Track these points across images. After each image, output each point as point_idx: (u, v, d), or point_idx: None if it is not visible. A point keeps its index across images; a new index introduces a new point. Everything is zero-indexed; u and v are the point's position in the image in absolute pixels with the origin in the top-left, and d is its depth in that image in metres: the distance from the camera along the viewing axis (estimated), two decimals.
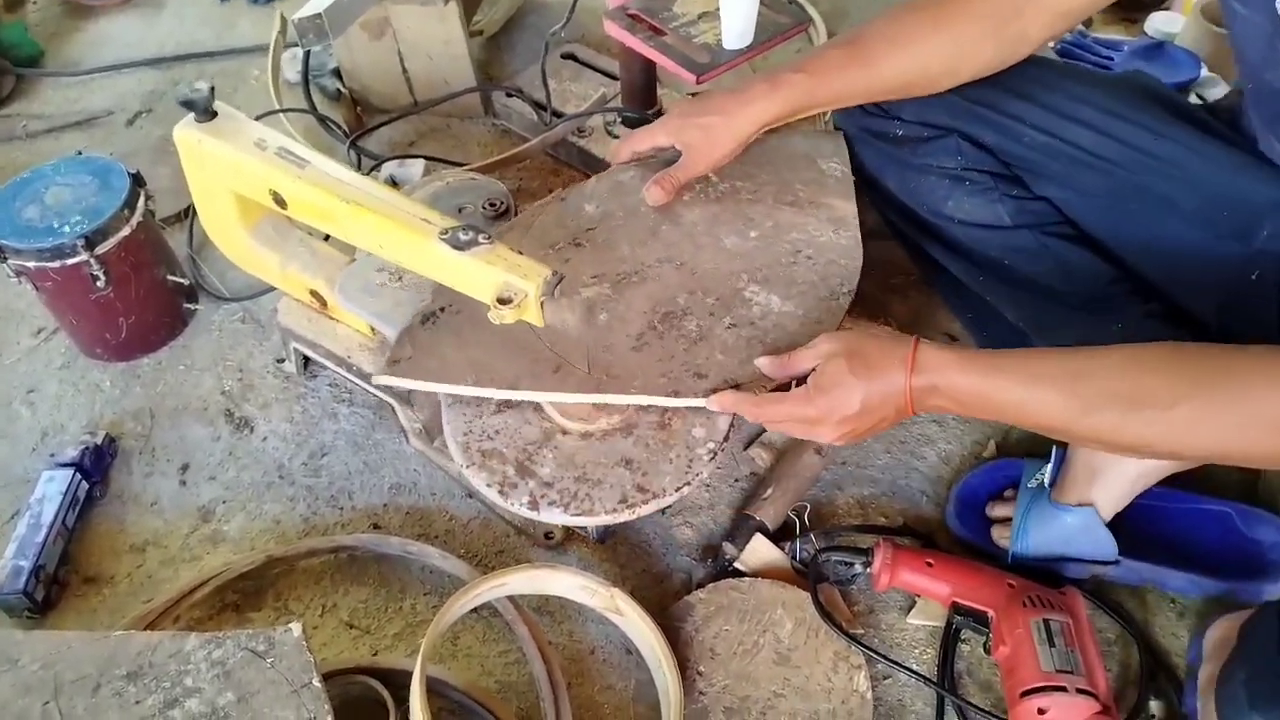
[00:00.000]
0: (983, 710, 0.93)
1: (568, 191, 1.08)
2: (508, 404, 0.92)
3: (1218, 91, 1.43)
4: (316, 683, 0.82)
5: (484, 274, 0.86)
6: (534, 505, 0.85)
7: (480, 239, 0.87)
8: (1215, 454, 0.70)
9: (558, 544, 1.07)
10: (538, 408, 0.91)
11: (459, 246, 0.86)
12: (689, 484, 0.87)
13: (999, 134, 0.98)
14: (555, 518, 0.86)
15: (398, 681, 0.92)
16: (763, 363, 0.89)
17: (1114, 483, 0.95)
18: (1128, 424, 0.71)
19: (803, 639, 0.96)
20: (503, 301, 0.84)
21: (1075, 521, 0.96)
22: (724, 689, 0.93)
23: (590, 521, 0.87)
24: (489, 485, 0.87)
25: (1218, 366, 0.68)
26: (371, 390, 1.13)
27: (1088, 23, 1.65)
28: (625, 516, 0.86)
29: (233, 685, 0.82)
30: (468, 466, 0.88)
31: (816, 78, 0.96)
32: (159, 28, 1.88)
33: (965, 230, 1.02)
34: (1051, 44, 1.59)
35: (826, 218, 1.03)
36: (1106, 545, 0.96)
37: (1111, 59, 1.52)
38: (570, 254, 1.02)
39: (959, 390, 0.78)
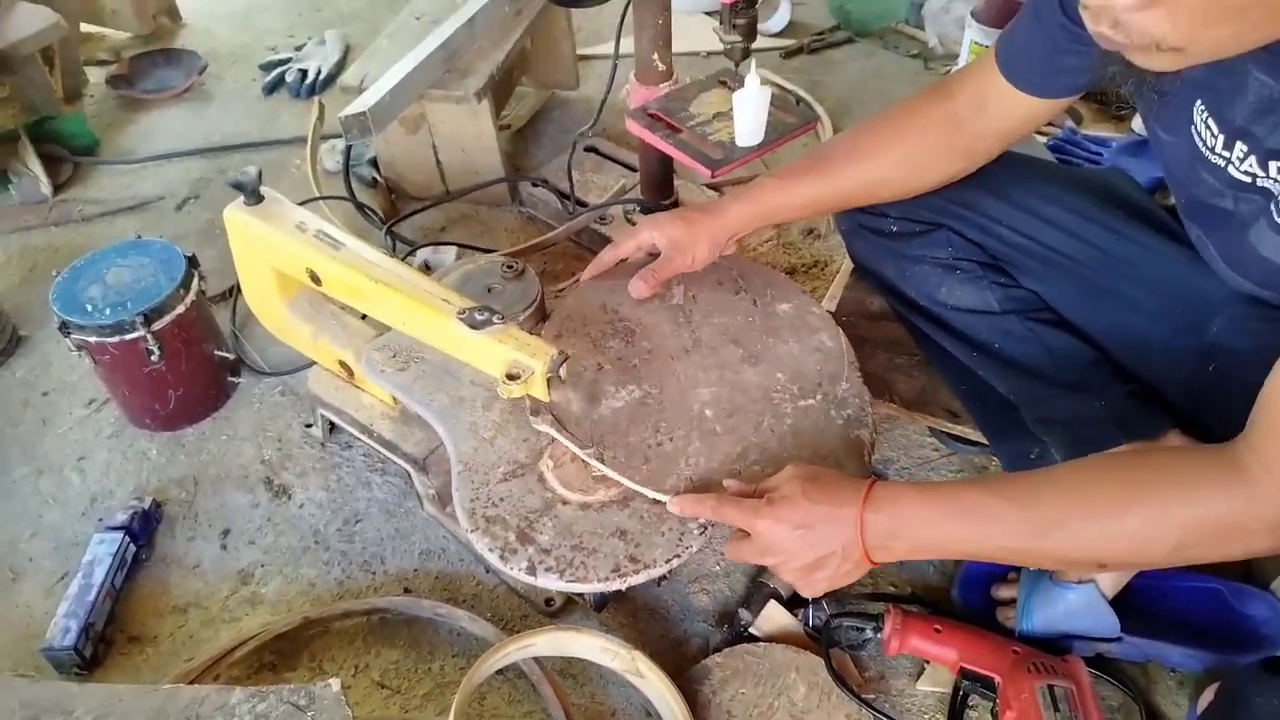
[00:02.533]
0: None
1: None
2: (513, 473, 0.98)
3: None
4: None
5: (495, 351, 0.94)
6: (532, 570, 0.89)
7: (494, 319, 0.94)
8: (1172, 556, 0.73)
9: (557, 610, 1.12)
10: (541, 478, 0.97)
11: (474, 326, 0.94)
12: (679, 556, 0.91)
13: (979, 231, 1.05)
14: (551, 583, 0.90)
15: None
16: (730, 484, 0.92)
17: None
18: (1086, 536, 0.74)
19: (816, 702, 1.00)
20: (511, 377, 0.91)
21: (1078, 599, 1.00)
22: None
23: (583, 588, 0.91)
24: (491, 550, 0.91)
25: (1163, 472, 0.73)
26: (398, 460, 1.19)
27: (1078, 120, 1.75)
28: (617, 585, 0.89)
29: None
30: (472, 531, 0.93)
31: (786, 186, 1.06)
32: (207, 119, 2.01)
33: (958, 315, 1.08)
34: (1044, 140, 1.70)
35: None
36: (1109, 621, 1.00)
37: (1100, 154, 1.62)
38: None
39: (915, 524, 0.80)
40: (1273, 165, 0.74)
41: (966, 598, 1.10)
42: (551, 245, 1.59)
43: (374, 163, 1.74)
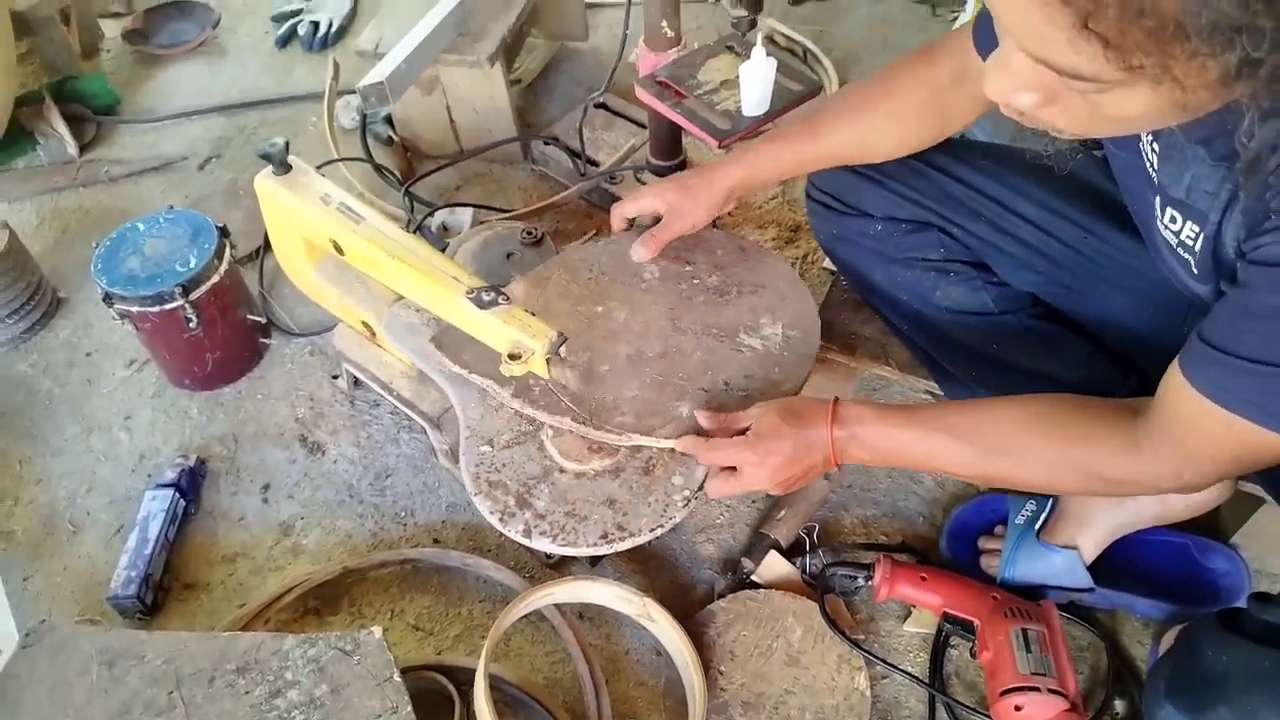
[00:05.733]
0: (968, 707, 1.07)
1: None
2: (516, 440, 1.06)
3: None
4: (397, 678, 0.97)
5: (500, 331, 1.01)
6: (527, 534, 0.98)
7: (500, 300, 1.01)
8: (1084, 491, 0.95)
9: (556, 564, 1.21)
10: (541, 446, 1.05)
11: (481, 305, 1.00)
12: (663, 526, 0.98)
13: (961, 230, 1.07)
14: (544, 546, 0.98)
15: (460, 677, 1.07)
16: (701, 416, 1.01)
17: (1099, 532, 1.09)
18: (1009, 468, 0.88)
19: (811, 643, 1.10)
20: (513, 357, 0.98)
21: (1061, 561, 1.09)
22: (742, 686, 1.07)
23: (574, 552, 0.99)
24: (491, 512, 1.00)
25: (1076, 426, 0.84)
26: (415, 417, 1.27)
27: None
28: (604, 550, 0.98)
29: (326, 679, 0.97)
30: (476, 494, 1.01)
31: (776, 149, 1.10)
32: (223, 75, 2.05)
33: (954, 318, 1.10)
34: None
35: None
36: (1084, 579, 1.09)
37: None
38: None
39: (874, 440, 0.92)
40: (1168, 211, 0.78)
41: (953, 548, 1.19)
42: (564, 205, 1.65)
43: (389, 120, 1.78)
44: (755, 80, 1.28)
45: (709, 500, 1.07)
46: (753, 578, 1.17)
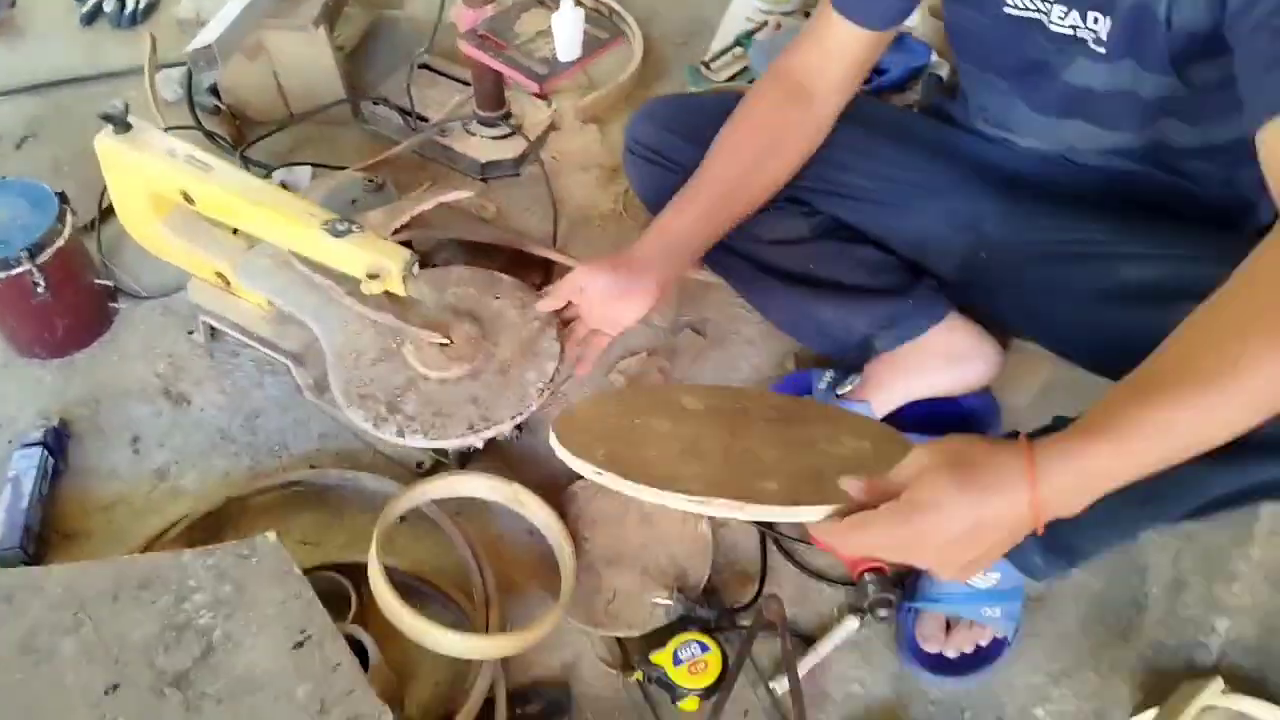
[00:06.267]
0: (792, 538, 1.27)
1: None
2: (380, 359, 1.18)
3: (945, 71, 1.83)
4: (297, 570, 1.07)
5: (356, 255, 1.11)
6: (401, 433, 1.12)
7: (353, 228, 1.12)
8: None
9: (427, 471, 1.32)
10: (405, 361, 1.17)
11: (336, 235, 1.12)
12: (521, 414, 1.15)
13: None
14: (418, 442, 1.12)
15: (353, 574, 1.18)
16: (848, 483, 0.75)
17: (892, 395, 1.30)
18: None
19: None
20: (372, 276, 1.10)
21: (857, 411, 1.31)
22: (604, 547, 1.24)
23: (445, 444, 1.13)
24: (365, 420, 1.13)
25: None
26: (277, 356, 1.35)
27: None
28: (472, 439, 1.13)
29: (229, 580, 1.06)
30: (349, 406, 1.14)
31: (672, 207, 1.18)
32: (25, 54, 1.99)
33: (776, 249, 1.27)
34: None
35: None
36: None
37: None
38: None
39: (1098, 475, 0.67)
40: (1090, 15, 0.91)
41: None
42: (397, 159, 1.75)
43: (214, 90, 1.81)
44: (566, 28, 1.44)
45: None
46: None
